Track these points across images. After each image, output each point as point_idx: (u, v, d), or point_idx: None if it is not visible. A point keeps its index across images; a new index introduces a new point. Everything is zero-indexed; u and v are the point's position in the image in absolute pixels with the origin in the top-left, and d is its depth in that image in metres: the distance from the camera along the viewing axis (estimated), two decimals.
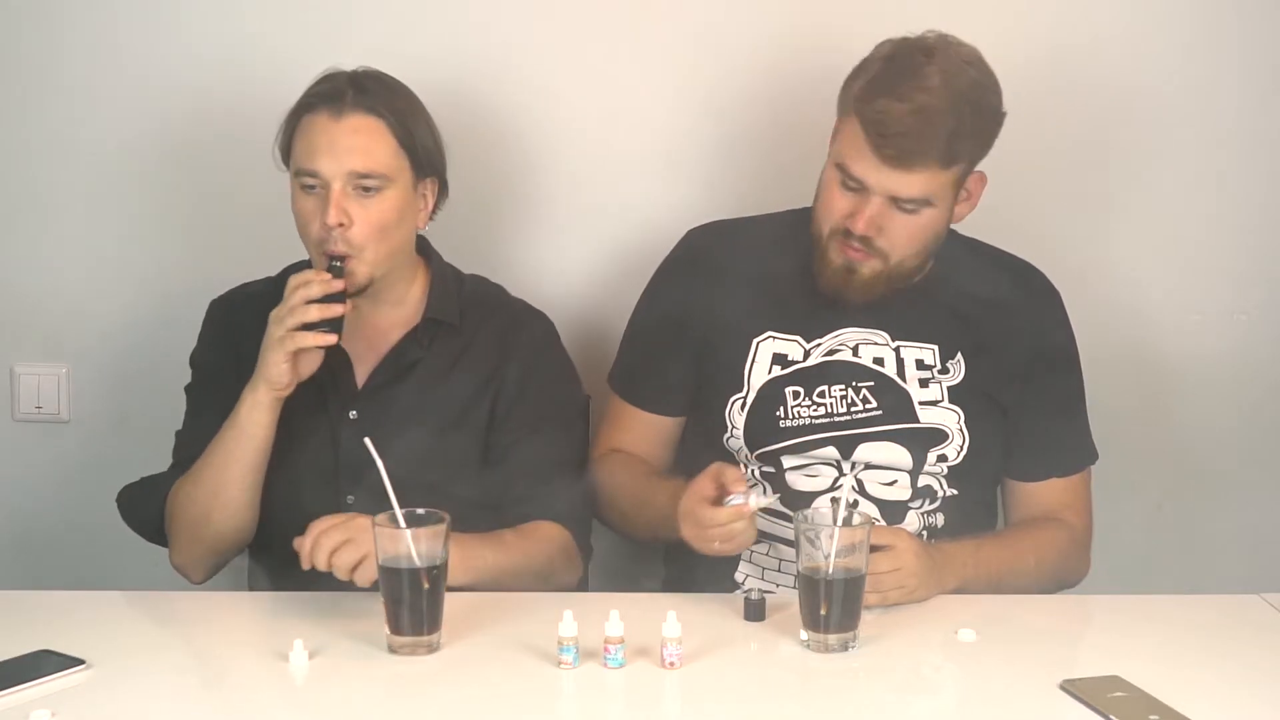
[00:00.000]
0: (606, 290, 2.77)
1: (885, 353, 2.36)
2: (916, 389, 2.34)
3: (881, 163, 2.21)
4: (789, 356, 2.36)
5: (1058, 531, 2.37)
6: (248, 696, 1.88)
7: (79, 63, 2.76)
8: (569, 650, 1.91)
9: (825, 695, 1.90)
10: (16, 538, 2.88)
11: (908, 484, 2.34)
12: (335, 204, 2.21)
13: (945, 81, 2.20)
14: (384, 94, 2.27)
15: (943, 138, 2.20)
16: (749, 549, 2.32)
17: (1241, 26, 2.79)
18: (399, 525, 1.97)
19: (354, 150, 2.22)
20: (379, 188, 2.24)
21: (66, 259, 2.83)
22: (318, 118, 2.24)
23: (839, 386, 2.35)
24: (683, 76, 2.77)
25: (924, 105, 2.19)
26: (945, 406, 2.34)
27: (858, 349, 2.36)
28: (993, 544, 2.30)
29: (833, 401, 2.34)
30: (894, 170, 2.21)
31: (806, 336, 2.37)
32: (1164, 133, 2.82)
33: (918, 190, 2.22)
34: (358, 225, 2.23)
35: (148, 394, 2.73)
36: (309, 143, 2.24)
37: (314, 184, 2.23)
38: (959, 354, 2.36)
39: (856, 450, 2.34)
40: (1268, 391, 2.89)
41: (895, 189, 2.22)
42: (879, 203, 2.23)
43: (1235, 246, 2.86)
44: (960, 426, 2.34)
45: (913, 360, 2.35)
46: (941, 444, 2.34)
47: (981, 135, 2.26)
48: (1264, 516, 2.91)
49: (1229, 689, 1.90)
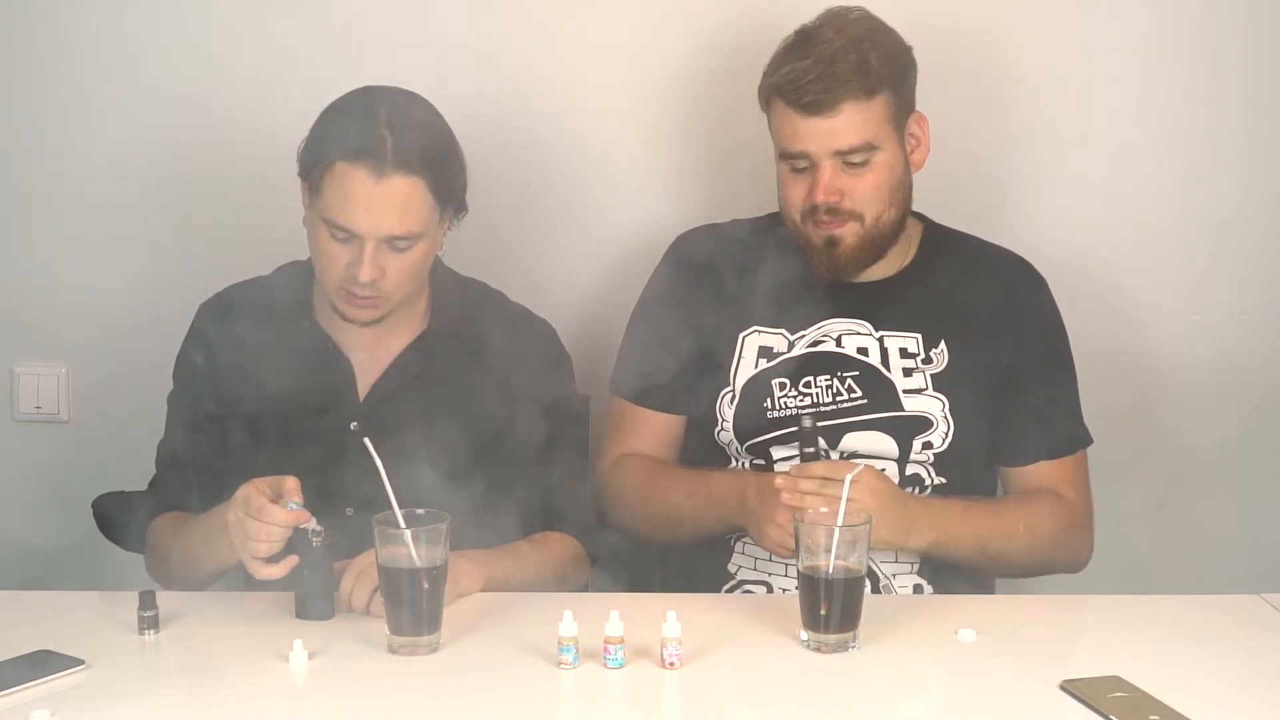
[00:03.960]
0: (607, 291, 2.78)
1: (869, 342, 2.38)
2: (900, 378, 2.36)
3: (807, 117, 2.27)
4: (774, 349, 2.39)
5: (1054, 505, 2.37)
6: (247, 696, 1.88)
7: (80, 64, 2.76)
8: (569, 650, 1.91)
9: (825, 695, 1.90)
10: (16, 538, 2.87)
11: (895, 473, 2.35)
12: (369, 261, 2.18)
13: (840, 30, 2.30)
14: (420, 143, 2.19)
15: (852, 68, 2.26)
16: (743, 540, 2.37)
17: (1245, 28, 2.79)
18: (399, 525, 1.97)
19: (392, 212, 2.17)
20: (413, 244, 2.21)
21: (66, 259, 2.83)
22: (355, 173, 2.16)
23: (824, 377, 2.37)
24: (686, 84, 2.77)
25: (825, 53, 2.27)
26: (929, 394, 2.36)
27: (841, 339, 2.38)
28: (983, 508, 2.34)
29: (818, 391, 2.37)
30: (821, 119, 2.27)
31: (791, 329, 2.40)
32: (1165, 132, 2.82)
33: (854, 135, 2.27)
34: (389, 275, 2.21)
35: (148, 394, 2.72)
36: (345, 197, 2.17)
37: (345, 237, 2.20)
38: (942, 341, 2.37)
39: (843, 440, 2.35)
40: (1268, 391, 2.89)
41: (832, 142, 2.27)
42: (829, 167, 2.28)
43: (1235, 246, 2.86)
44: (945, 414, 2.35)
45: (896, 349, 2.38)
46: (926, 431, 2.35)
47: (893, 65, 2.31)
48: (1264, 516, 2.91)
49: (1229, 689, 1.90)
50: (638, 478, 2.44)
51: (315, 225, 2.23)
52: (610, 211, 2.82)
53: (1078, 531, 2.40)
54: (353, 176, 2.16)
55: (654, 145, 2.81)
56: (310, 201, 2.23)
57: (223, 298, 2.41)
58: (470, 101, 2.65)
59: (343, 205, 2.18)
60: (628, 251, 2.78)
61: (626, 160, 2.81)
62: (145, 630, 2.02)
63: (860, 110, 2.27)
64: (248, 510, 2.04)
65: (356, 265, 2.19)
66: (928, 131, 2.38)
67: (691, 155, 2.80)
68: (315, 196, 2.21)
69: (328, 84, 2.28)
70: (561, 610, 1.92)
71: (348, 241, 2.20)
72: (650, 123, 2.80)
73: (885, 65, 2.29)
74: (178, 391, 2.40)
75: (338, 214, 2.18)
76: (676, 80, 2.78)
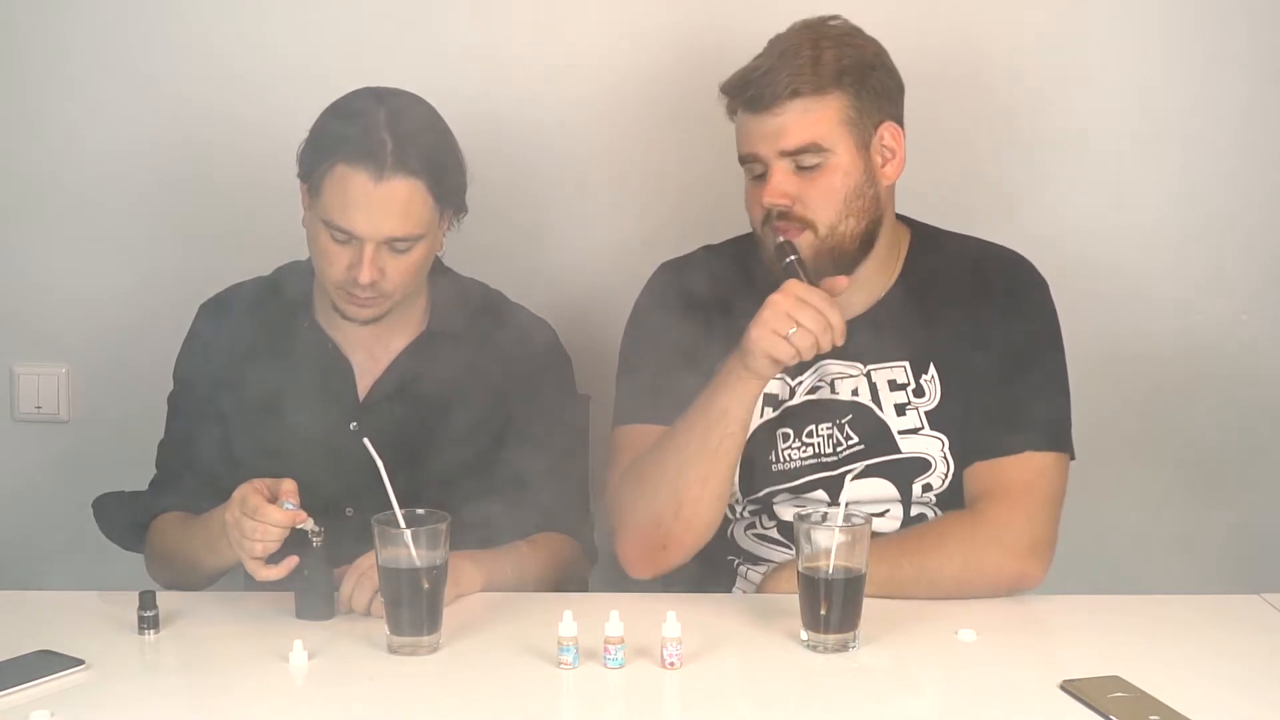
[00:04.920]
0: (606, 291, 2.77)
1: (859, 383, 2.27)
2: (894, 417, 2.25)
3: (754, 115, 2.17)
4: (779, 397, 2.29)
5: (955, 526, 2.19)
6: (247, 696, 1.88)
7: (80, 64, 2.77)
8: (569, 650, 1.91)
9: (825, 695, 1.90)
10: (16, 538, 2.87)
11: (899, 513, 2.27)
12: (369, 263, 2.17)
13: (803, 30, 2.20)
14: (420, 145, 2.19)
15: (803, 63, 2.15)
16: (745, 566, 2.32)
17: (1245, 28, 2.80)
18: (399, 525, 1.97)
19: (392, 215, 2.17)
20: (413, 245, 2.21)
21: (66, 259, 2.83)
22: (355, 175, 2.16)
23: (825, 425, 2.27)
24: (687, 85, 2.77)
25: (780, 49, 2.18)
26: (927, 434, 2.25)
27: (834, 384, 2.28)
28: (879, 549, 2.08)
29: (820, 441, 2.27)
30: (767, 115, 2.16)
31: (790, 373, 2.28)
32: (1165, 132, 2.82)
33: (800, 134, 2.16)
34: (389, 276, 2.20)
35: (148, 394, 2.71)
36: (345, 199, 2.17)
37: (345, 238, 2.20)
38: (931, 365, 2.26)
39: (843, 489, 2.13)
40: (1268, 391, 2.89)
41: (778, 141, 2.16)
42: (779, 170, 2.17)
43: (1236, 246, 2.86)
44: (944, 454, 2.25)
45: (885, 383, 2.26)
46: (925, 473, 2.26)
47: (852, 65, 2.17)
48: (1264, 516, 2.91)
49: (1229, 689, 1.90)
50: (639, 463, 2.25)
51: (315, 227, 2.22)
52: (610, 212, 2.82)
53: (994, 553, 2.16)
54: (352, 179, 2.16)
55: (654, 145, 2.81)
56: (310, 203, 2.23)
57: (223, 298, 2.42)
58: (470, 102, 2.65)
59: (343, 207, 2.17)
60: (628, 252, 2.77)
61: (627, 160, 2.81)
62: (145, 630, 2.02)
63: (808, 108, 2.15)
64: (244, 509, 2.05)
65: (356, 267, 2.18)
66: (903, 144, 2.23)
67: (692, 155, 2.80)
68: (315, 198, 2.21)
69: (328, 84, 2.28)
70: (561, 610, 1.92)
71: (347, 243, 2.19)
72: (651, 123, 2.80)
73: (840, 63, 2.16)
74: (178, 392, 2.40)
75: (338, 216, 2.18)
76: (677, 80, 2.77)
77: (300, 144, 2.24)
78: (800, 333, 2.08)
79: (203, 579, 2.25)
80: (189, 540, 2.23)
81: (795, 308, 2.08)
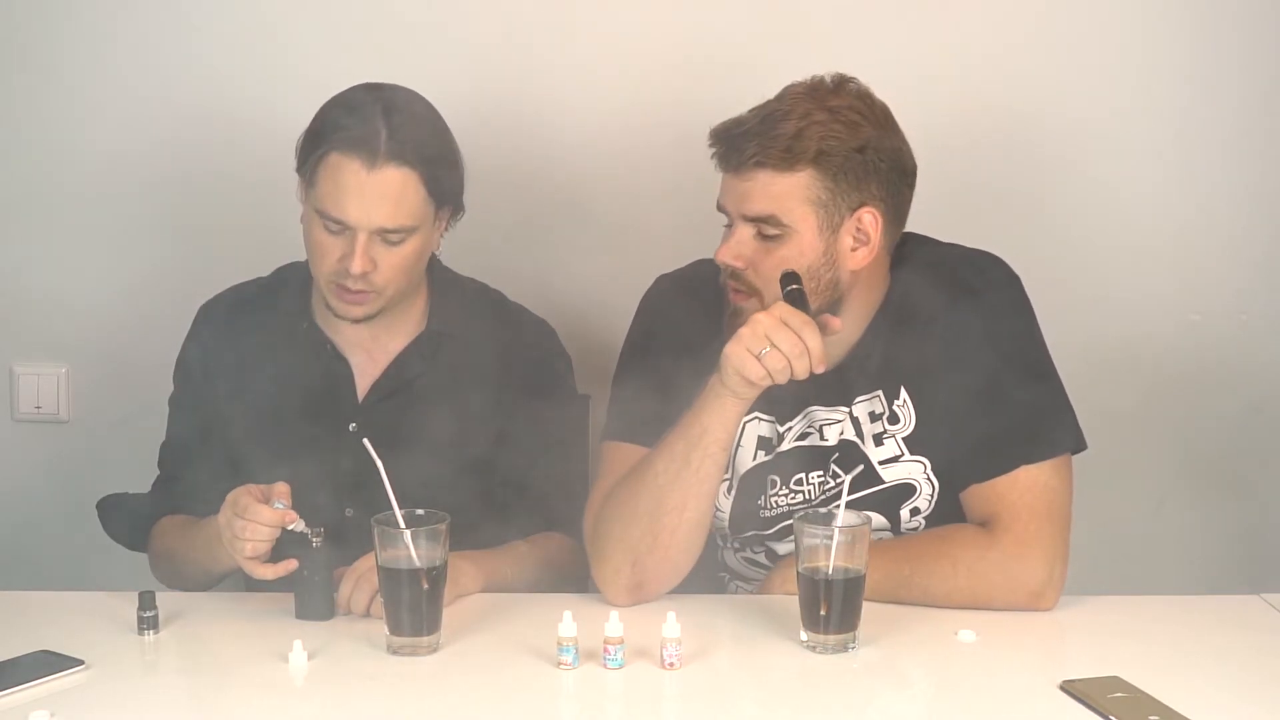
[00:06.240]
0: (606, 291, 2.78)
1: (845, 425, 2.22)
2: (873, 448, 2.20)
3: (726, 174, 2.13)
4: (772, 441, 2.26)
5: (962, 538, 2.14)
6: (248, 697, 1.88)
7: (80, 65, 2.77)
8: (569, 650, 1.91)
9: (825, 695, 1.90)
10: (16, 538, 2.88)
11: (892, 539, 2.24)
12: (361, 253, 2.17)
13: (806, 94, 2.11)
14: (415, 135, 2.19)
15: (780, 136, 2.07)
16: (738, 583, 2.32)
17: (1242, 29, 2.80)
18: (399, 525, 1.97)
19: (385, 204, 2.17)
20: (405, 237, 2.21)
21: (66, 259, 2.83)
22: (348, 163, 2.16)
23: (816, 473, 2.23)
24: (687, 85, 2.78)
25: (768, 111, 2.10)
26: (907, 460, 2.20)
27: (823, 430, 2.23)
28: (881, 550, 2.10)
29: (810, 489, 2.24)
30: (734, 177, 2.11)
31: (780, 418, 2.24)
32: (1165, 133, 2.82)
33: (764, 204, 2.09)
34: (381, 269, 2.20)
35: (147, 394, 2.72)
36: (337, 188, 2.17)
37: (338, 229, 2.20)
38: (901, 389, 2.18)
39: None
40: (1268, 391, 2.89)
41: (743, 205, 2.11)
42: (742, 231, 2.12)
43: (1235, 247, 2.86)
44: (928, 476, 2.20)
45: (865, 415, 2.21)
46: (910, 498, 2.22)
47: (837, 149, 2.08)
48: (1264, 516, 2.92)
49: (1229, 689, 1.90)
50: (618, 489, 2.20)
51: (310, 218, 2.23)
52: (610, 212, 2.82)
53: (1005, 567, 2.11)
54: (345, 166, 2.16)
55: (654, 146, 2.80)
56: (305, 195, 2.23)
57: (223, 299, 2.42)
58: (471, 102, 2.66)
59: (335, 195, 2.17)
60: (628, 252, 2.78)
61: (627, 161, 2.81)
62: (145, 630, 2.02)
63: (773, 181, 2.08)
64: (235, 510, 2.06)
65: (349, 258, 2.18)
66: (879, 232, 2.12)
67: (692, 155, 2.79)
68: (310, 188, 2.21)
69: (328, 83, 2.28)
70: (561, 610, 1.92)
71: (340, 233, 2.19)
72: (651, 124, 2.80)
73: (822, 143, 2.07)
74: (179, 393, 2.40)
75: (330, 204, 2.18)
76: (678, 81, 2.77)
77: (299, 138, 2.24)
78: (772, 354, 2.02)
79: (207, 581, 2.26)
80: (190, 543, 2.23)
81: (773, 328, 2.02)
